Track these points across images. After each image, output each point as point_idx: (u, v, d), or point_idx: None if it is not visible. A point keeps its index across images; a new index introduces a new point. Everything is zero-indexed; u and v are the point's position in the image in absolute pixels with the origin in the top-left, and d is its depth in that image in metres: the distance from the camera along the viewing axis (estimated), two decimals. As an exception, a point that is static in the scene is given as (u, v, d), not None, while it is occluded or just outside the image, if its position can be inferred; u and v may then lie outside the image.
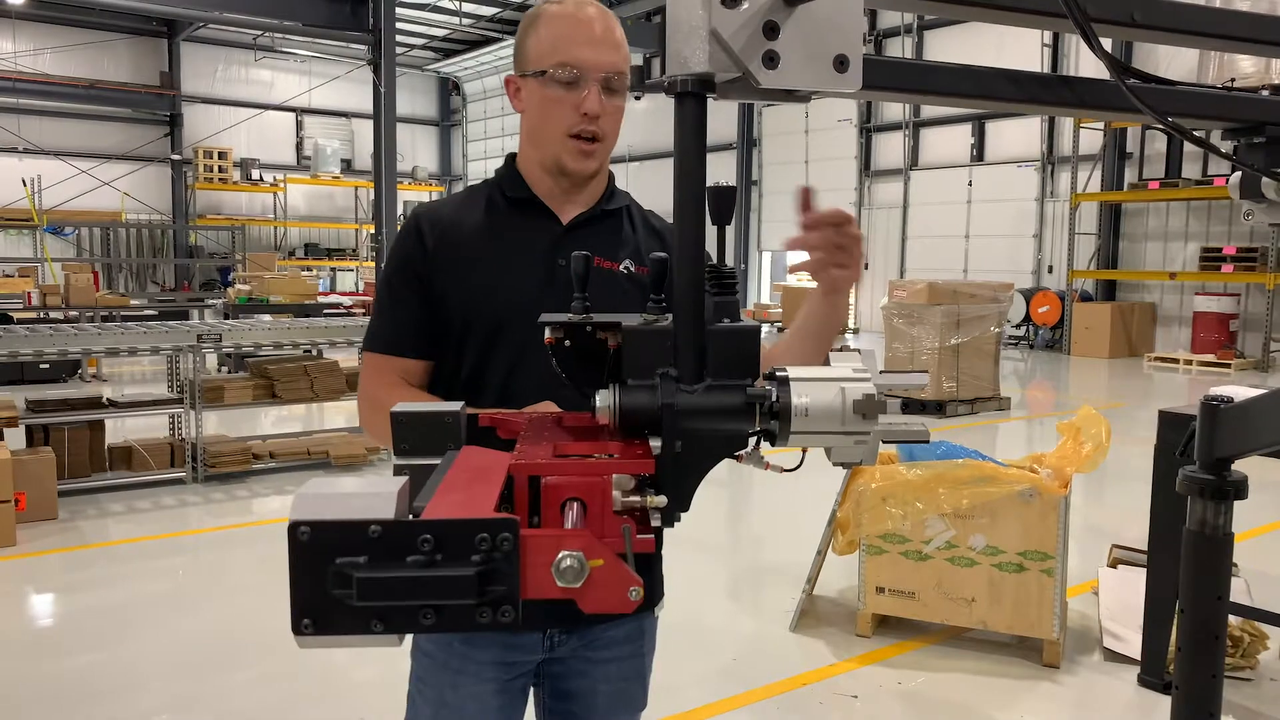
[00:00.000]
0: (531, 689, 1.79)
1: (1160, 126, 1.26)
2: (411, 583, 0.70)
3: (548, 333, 1.10)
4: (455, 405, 1.00)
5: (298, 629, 0.72)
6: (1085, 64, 15.34)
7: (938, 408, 9.96)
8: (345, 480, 0.80)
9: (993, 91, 1.19)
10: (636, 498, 0.86)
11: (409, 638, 1.70)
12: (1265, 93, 1.27)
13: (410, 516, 0.77)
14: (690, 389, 0.95)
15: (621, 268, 1.69)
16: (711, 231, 1.04)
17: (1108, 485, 7.29)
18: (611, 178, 1.79)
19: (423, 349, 1.67)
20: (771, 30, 0.96)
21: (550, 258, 1.66)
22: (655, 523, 0.89)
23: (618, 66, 1.62)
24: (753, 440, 0.98)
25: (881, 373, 0.97)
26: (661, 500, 0.87)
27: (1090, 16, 1.14)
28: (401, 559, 0.70)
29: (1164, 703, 3.70)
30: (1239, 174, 1.41)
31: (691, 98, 0.98)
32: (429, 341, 1.67)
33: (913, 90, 1.15)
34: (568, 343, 1.09)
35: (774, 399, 0.95)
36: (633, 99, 1.39)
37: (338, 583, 0.70)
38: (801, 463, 1.06)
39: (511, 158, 1.77)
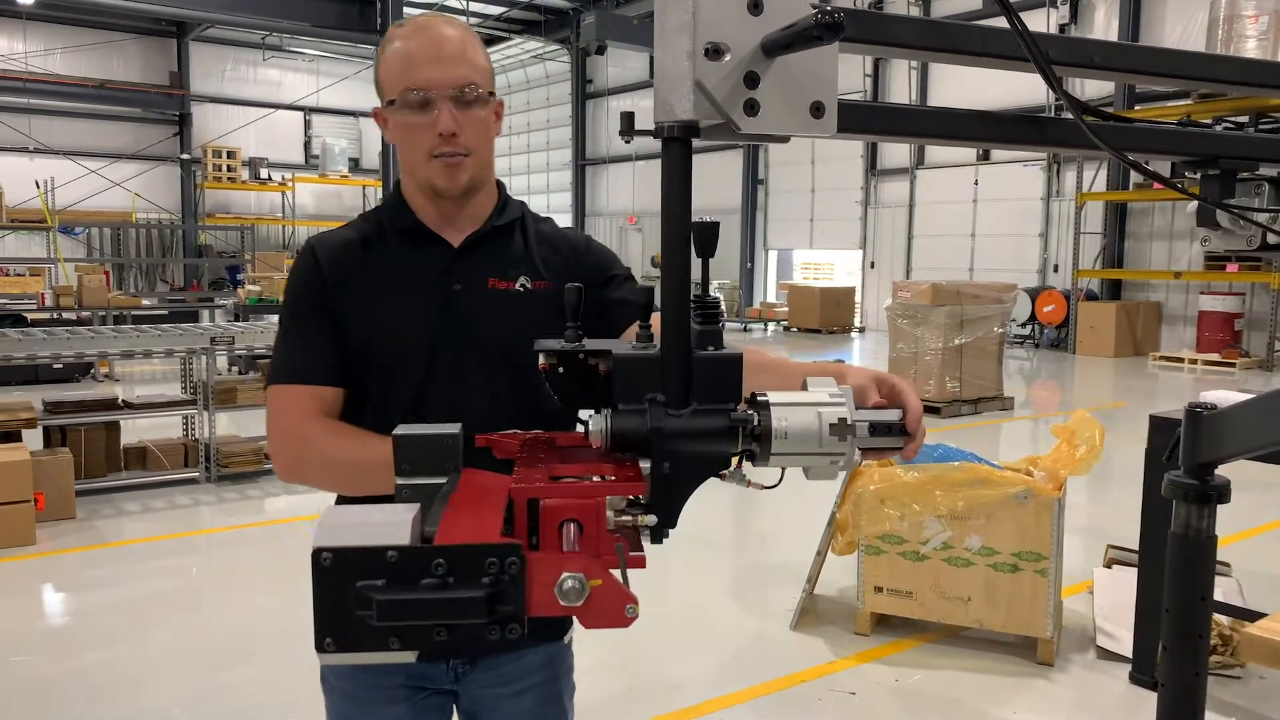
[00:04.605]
0: (454, 712, 1.79)
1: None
2: (428, 604, 0.76)
3: (541, 359, 1.14)
4: (454, 427, 1.05)
5: (320, 647, 0.78)
6: (1089, 82, 15.36)
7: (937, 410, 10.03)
8: (361, 508, 0.86)
9: (962, 132, 1.28)
10: (629, 517, 0.94)
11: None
12: (1219, 127, 1.36)
13: (422, 541, 0.83)
14: (677, 413, 1.02)
15: (518, 286, 1.67)
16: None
17: (1109, 484, 7.36)
18: (501, 188, 1.74)
19: (337, 376, 1.62)
20: (752, 80, 1.04)
21: (443, 284, 1.64)
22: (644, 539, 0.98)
23: (467, 78, 1.58)
24: (735, 460, 1.06)
25: (858, 409, 1.06)
26: (652, 519, 0.95)
27: (1052, 60, 1.23)
28: (416, 581, 0.76)
29: (1153, 699, 3.78)
30: (1195, 204, 1.50)
31: (677, 142, 1.05)
32: (341, 368, 1.62)
33: (885, 132, 1.24)
34: (561, 369, 1.14)
35: (756, 423, 1.03)
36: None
37: (358, 604, 0.76)
38: (780, 480, 1.14)
39: (399, 185, 1.74)
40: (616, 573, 0.86)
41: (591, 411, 1.09)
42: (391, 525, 0.82)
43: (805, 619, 4.55)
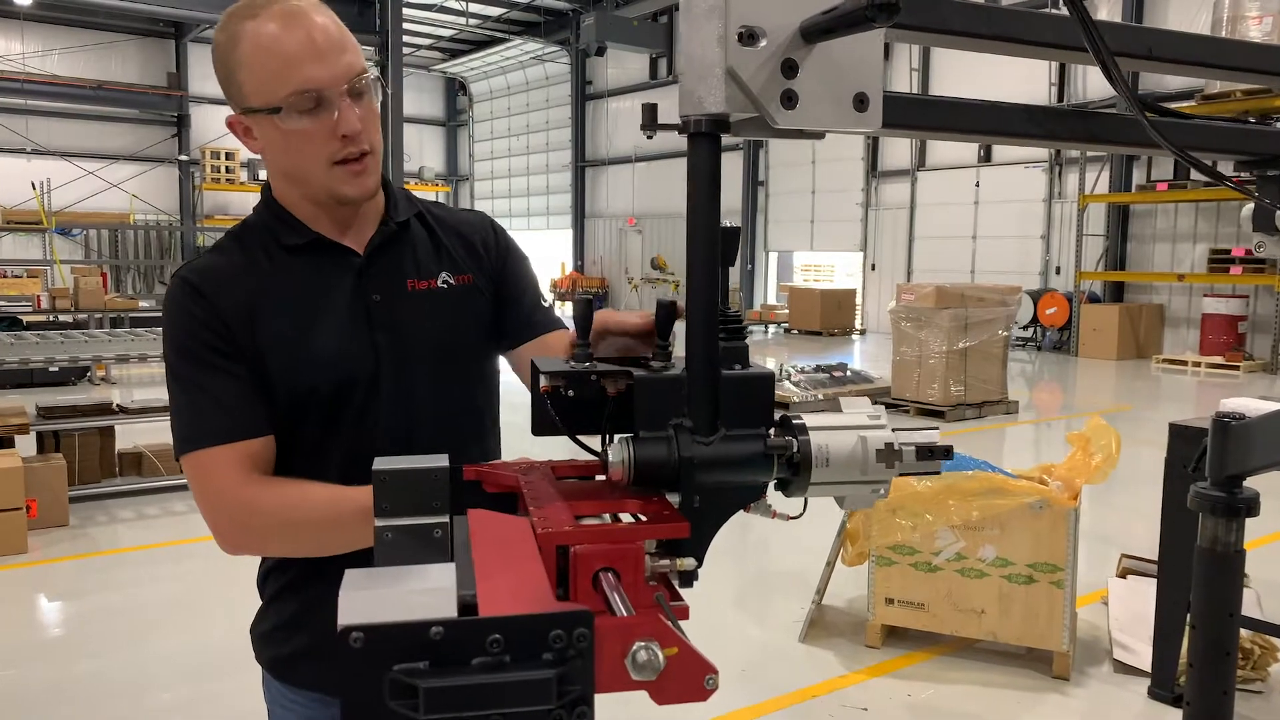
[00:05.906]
0: None
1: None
2: (486, 690, 0.63)
3: (544, 381, 1.03)
4: (441, 460, 0.92)
5: None
6: (1093, 79, 15.28)
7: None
8: (388, 571, 0.74)
9: (1012, 128, 1.18)
10: (665, 561, 0.83)
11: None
12: (1281, 125, 1.26)
13: (461, 609, 0.72)
14: (706, 440, 0.91)
15: (440, 283, 1.53)
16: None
17: (1116, 489, 7.24)
18: (386, 182, 1.55)
19: (264, 423, 1.39)
20: (790, 69, 0.92)
21: (362, 296, 1.47)
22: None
23: (356, 67, 1.38)
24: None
25: (894, 430, 0.96)
26: (690, 563, 0.84)
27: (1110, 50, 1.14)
28: (466, 662, 0.64)
29: (1174, 715, 3.68)
30: (1251, 205, 1.40)
31: (705, 138, 0.94)
32: (269, 411, 1.40)
33: (934, 127, 1.14)
34: (570, 392, 1.03)
35: (794, 449, 0.92)
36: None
37: (396, 692, 0.63)
38: (804, 510, 1.05)
39: (268, 193, 1.51)
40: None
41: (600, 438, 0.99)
42: (435, 593, 0.70)
43: (814, 631, 4.45)
